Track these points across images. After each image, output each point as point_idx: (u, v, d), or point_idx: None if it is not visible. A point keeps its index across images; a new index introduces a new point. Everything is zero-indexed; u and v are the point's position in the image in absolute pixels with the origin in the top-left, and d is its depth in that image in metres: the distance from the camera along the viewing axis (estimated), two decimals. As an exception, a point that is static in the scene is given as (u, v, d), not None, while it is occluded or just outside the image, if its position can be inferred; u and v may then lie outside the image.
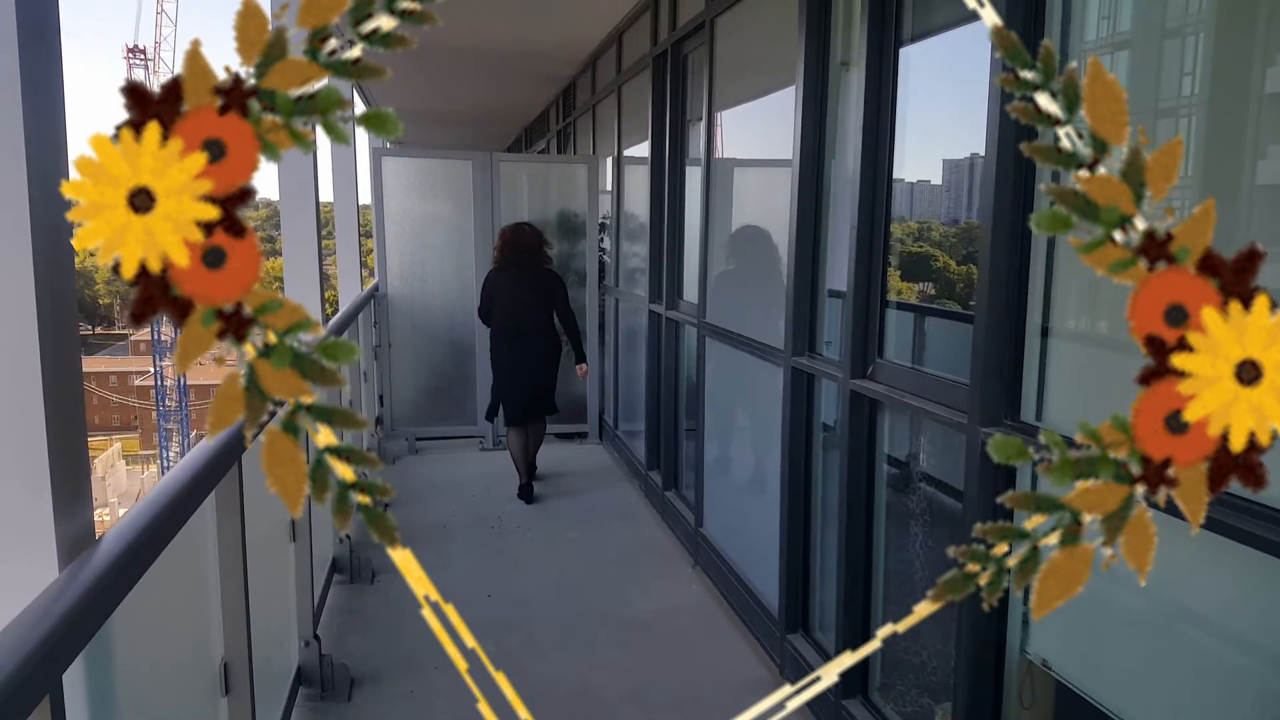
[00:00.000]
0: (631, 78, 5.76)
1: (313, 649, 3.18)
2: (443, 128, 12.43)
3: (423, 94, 9.51)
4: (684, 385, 5.06)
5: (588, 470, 6.24)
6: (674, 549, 4.70)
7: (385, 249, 6.64)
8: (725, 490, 4.26)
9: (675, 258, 4.97)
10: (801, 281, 3.15)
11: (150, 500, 1.51)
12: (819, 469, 3.26)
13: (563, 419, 6.88)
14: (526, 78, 8.22)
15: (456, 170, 6.71)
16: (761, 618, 3.55)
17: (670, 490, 5.07)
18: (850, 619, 2.96)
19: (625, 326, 6.45)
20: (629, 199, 6.28)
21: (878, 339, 2.72)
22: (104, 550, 1.26)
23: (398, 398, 6.79)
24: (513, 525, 5.06)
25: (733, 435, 4.24)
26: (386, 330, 6.68)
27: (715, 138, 4.17)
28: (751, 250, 3.97)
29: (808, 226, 3.13)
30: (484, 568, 4.46)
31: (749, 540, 3.92)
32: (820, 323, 3.16)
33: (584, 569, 4.44)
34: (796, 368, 3.18)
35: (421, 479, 5.96)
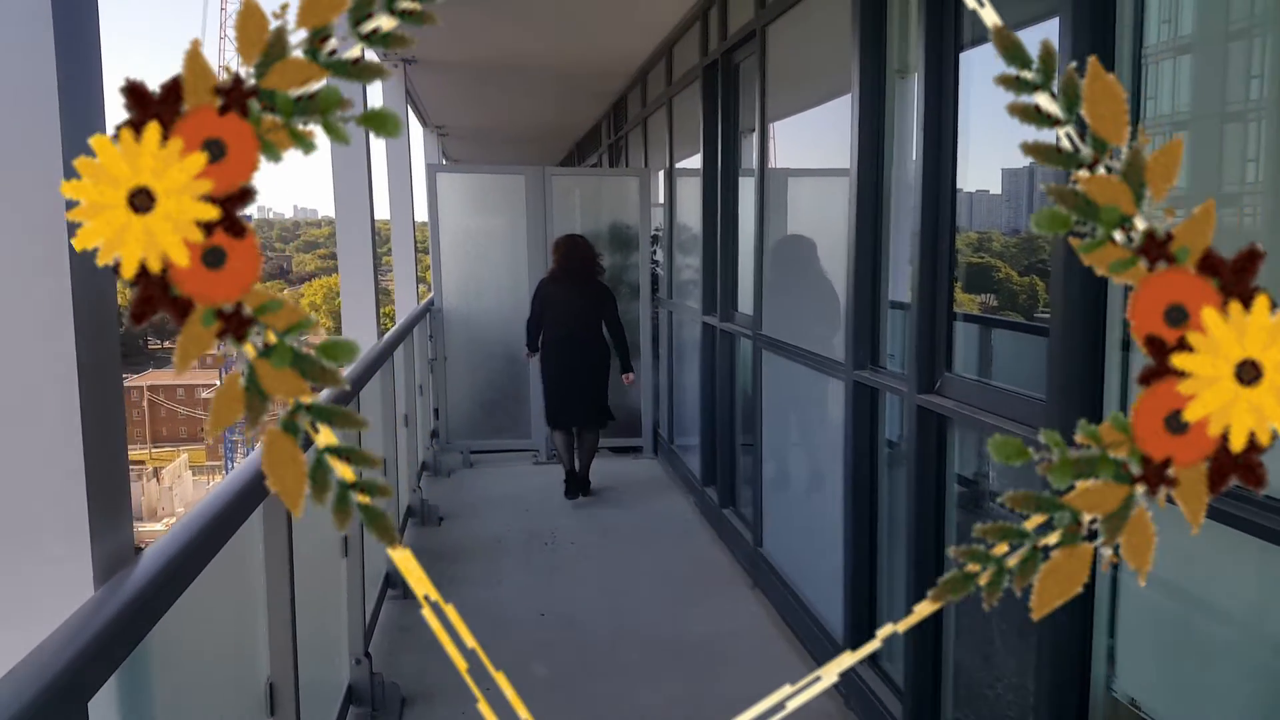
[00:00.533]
0: (682, 89, 5.70)
1: (364, 667, 3.15)
2: (496, 146, 12.56)
3: (476, 113, 9.61)
4: (739, 399, 4.96)
5: (642, 485, 6.17)
6: (731, 568, 4.59)
7: (440, 263, 6.68)
8: (785, 508, 4.15)
9: (729, 269, 4.88)
10: (862, 292, 3.04)
11: (194, 515, 1.48)
12: (884, 487, 3.14)
13: (617, 433, 6.83)
14: (577, 93, 8.23)
15: (509, 185, 6.72)
16: (824, 643, 3.43)
17: (727, 507, 4.97)
18: (920, 647, 2.83)
19: (679, 339, 6.37)
20: (681, 211, 6.22)
21: (945, 352, 2.61)
22: (143, 568, 1.23)
23: (453, 411, 6.81)
24: (566, 541, 5.00)
25: (791, 451, 4.13)
26: (442, 344, 6.71)
27: (768, 147, 4.09)
28: (808, 261, 3.87)
29: (867, 236, 3.03)
30: (537, 584, 4.41)
31: (811, 561, 3.80)
32: (883, 335, 3.05)
33: (639, 588, 4.35)
34: (859, 381, 3.07)
35: (476, 492, 5.95)
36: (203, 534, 1.44)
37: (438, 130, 10.40)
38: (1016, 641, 2.50)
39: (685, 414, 6.23)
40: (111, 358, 1.19)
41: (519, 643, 3.74)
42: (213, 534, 1.47)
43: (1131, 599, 2.04)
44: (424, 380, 6.19)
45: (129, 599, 1.13)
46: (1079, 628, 2.09)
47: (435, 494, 5.71)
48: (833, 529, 3.36)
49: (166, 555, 1.27)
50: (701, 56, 5.10)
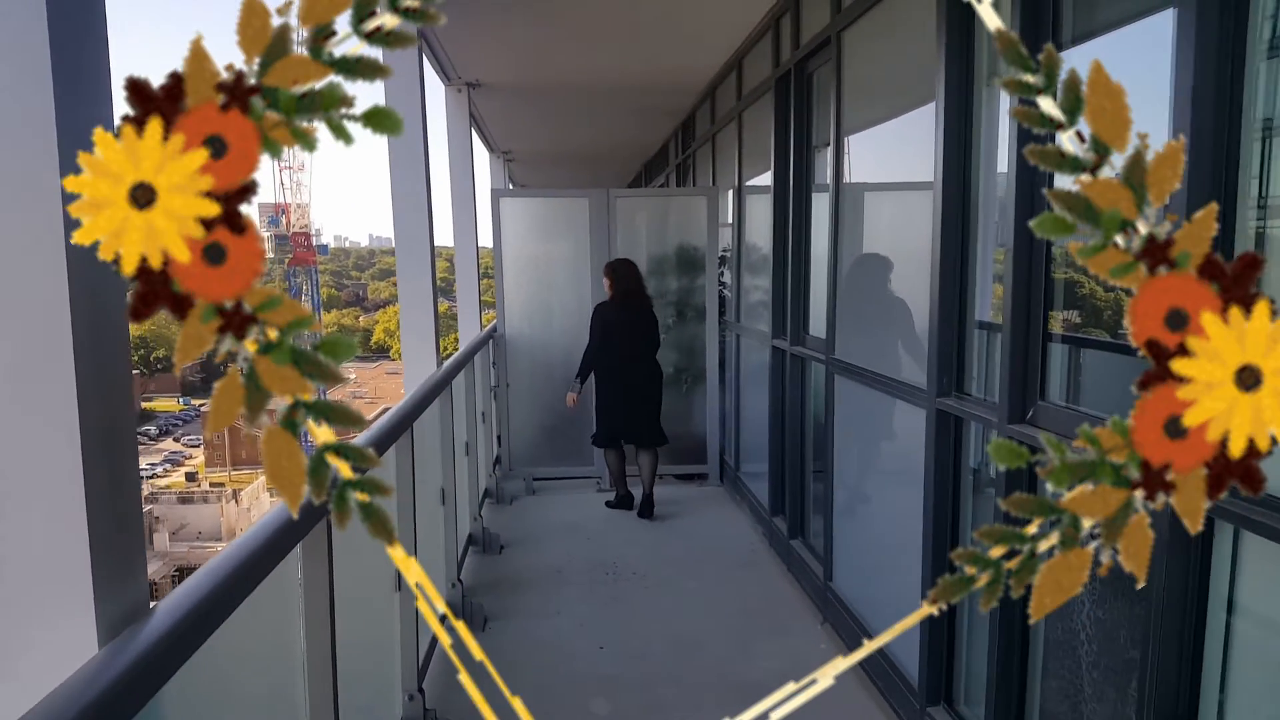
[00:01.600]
0: (752, 103, 5.55)
1: (416, 703, 3.03)
2: (563, 169, 12.58)
3: (542, 136, 9.61)
4: (810, 426, 4.74)
5: (708, 514, 5.97)
6: (800, 603, 4.36)
7: (504, 289, 6.62)
8: (858, 541, 3.92)
9: (800, 291, 4.69)
10: (946, 315, 2.83)
11: (220, 561, 1.36)
12: (968, 522, 2.91)
13: (682, 459, 6.66)
14: (645, 112, 8.15)
15: (573, 208, 6.64)
16: (899, 686, 3.19)
17: (796, 538, 4.74)
18: (1004, 693, 2.59)
19: (747, 363, 6.18)
20: (750, 230, 6.04)
21: (1039, 379, 2.38)
22: (156, 622, 1.11)
23: (515, 438, 6.72)
24: (628, 571, 4.83)
25: (866, 481, 3.90)
26: (504, 370, 6.64)
27: (843, 161, 3.90)
28: (885, 281, 3.67)
29: (952, 254, 2.82)
30: (597, 617, 4.24)
31: (886, 598, 3.57)
32: (969, 360, 2.83)
33: (704, 622, 4.16)
34: (942, 410, 2.85)
35: (538, 520, 5.82)
36: (230, 579, 1.32)
37: (504, 155, 10.44)
38: (1109, 690, 2.26)
39: (752, 441, 6.02)
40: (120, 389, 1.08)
41: (577, 677, 3.58)
42: (241, 580, 1.35)
43: (1247, 649, 1.82)
44: (486, 407, 6.11)
45: (136, 657, 1.01)
46: (1187, 680, 1.88)
47: (497, 522, 5.61)
48: (910, 565, 3.13)
49: (184, 606, 1.15)
50: (774, 67, 4.95)
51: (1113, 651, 2.33)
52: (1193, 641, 1.91)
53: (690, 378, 6.62)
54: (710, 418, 6.62)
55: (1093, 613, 2.38)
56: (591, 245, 6.50)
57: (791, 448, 4.84)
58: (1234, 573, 1.88)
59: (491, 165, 10.55)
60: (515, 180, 12.13)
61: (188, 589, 1.21)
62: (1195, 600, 1.89)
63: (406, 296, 4.78)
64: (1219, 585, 1.88)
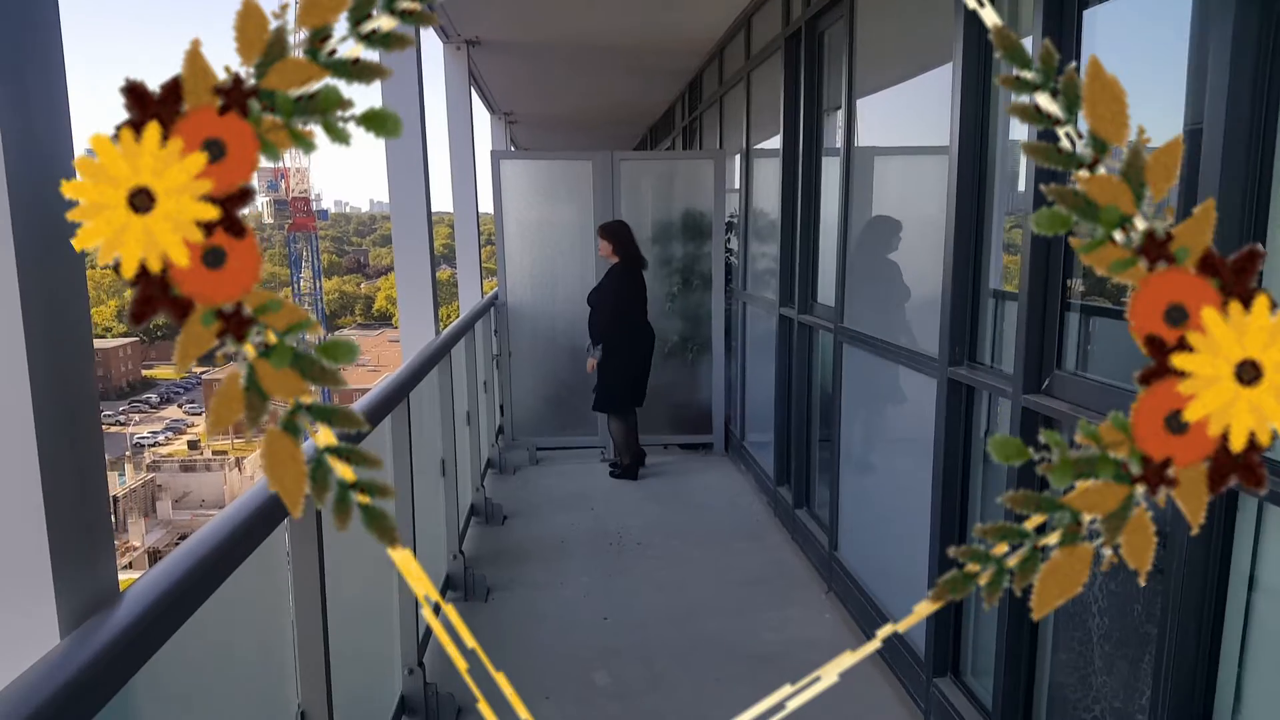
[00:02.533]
0: (761, 63, 5.40)
1: (416, 677, 2.99)
2: (566, 132, 12.38)
3: (545, 98, 9.43)
4: (817, 395, 4.67)
5: (712, 484, 5.92)
6: (805, 572, 4.32)
7: (505, 255, 6.51)
8: (864, 511, 3.86)
9: (809, 258, 4.59)
10: (960, 282, 2.74)
11: (196, 541, 1.29)
12: (978, 493, 2.84)
13: (687, 429, 6.60)
14: (651, 73, 7.97)
15: (577, 171, 6.50)
16: (905, 657, 3.14)
17: (801, 508, 4.69)
18: (1013, 665, 2.54)
19: (753, 331, 6.09)
20: (758, 196, 5.92)
21: (1056, 348, 2.30)
22: (124, 611, 1.04)
23: (518, 407, 6.65)
24: (632, 542, 4.79)
25: (874, 451, 3.83)
26: (506, 338, 6.55)
27: (855, 123, 3.78)
28: (896, 249, 3.57)
29: (968, 220, 2.72)
30: (602, 588, 4.20)
31: (892, 568, 3.51)
32: (982, 329, 2.75)
33: (708, 592, 4.12)
34: (954, 379, 2.77)
35: (541, 491, 5.78)
36: (208, 562, 1.25)
37: (506, 117, 10.26)
38: (1122, 664, 2.20)
39: (757, 410, 5.95)
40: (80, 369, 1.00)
41: (581, 648, 3.54)
42: (219, 562, 1.28)
43: (1269, 625, 1.76)
44: (488, 376, 6.04)
45: (101, 648, 0.94)
46: (1205, 657, 1.83)
47: (500, 492, 5.56)
48: (918, 536, 3.07)
49: (156, 592, 1.09)
50: (784, 25, 4.80)
51: (1125, 625, 2.27)
52: (1213, 618, 1.85)
53: (696, 346, 6.53)
54: (716, 387, 6.55)
55: (1105, 584, 2.32)
56: (596, 209, 6.38)
57: (798, 417, 4.77)
58: (1256, 547, 1.82)
59: (493, 127, 10.37)
60: (517, 143, 11.95)
61: (160, 573, 1.15)
62: (1216, 575, 1.83)
63: (403, 263, 4.68)
64: (1240, 560, 1.82)
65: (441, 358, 4.02)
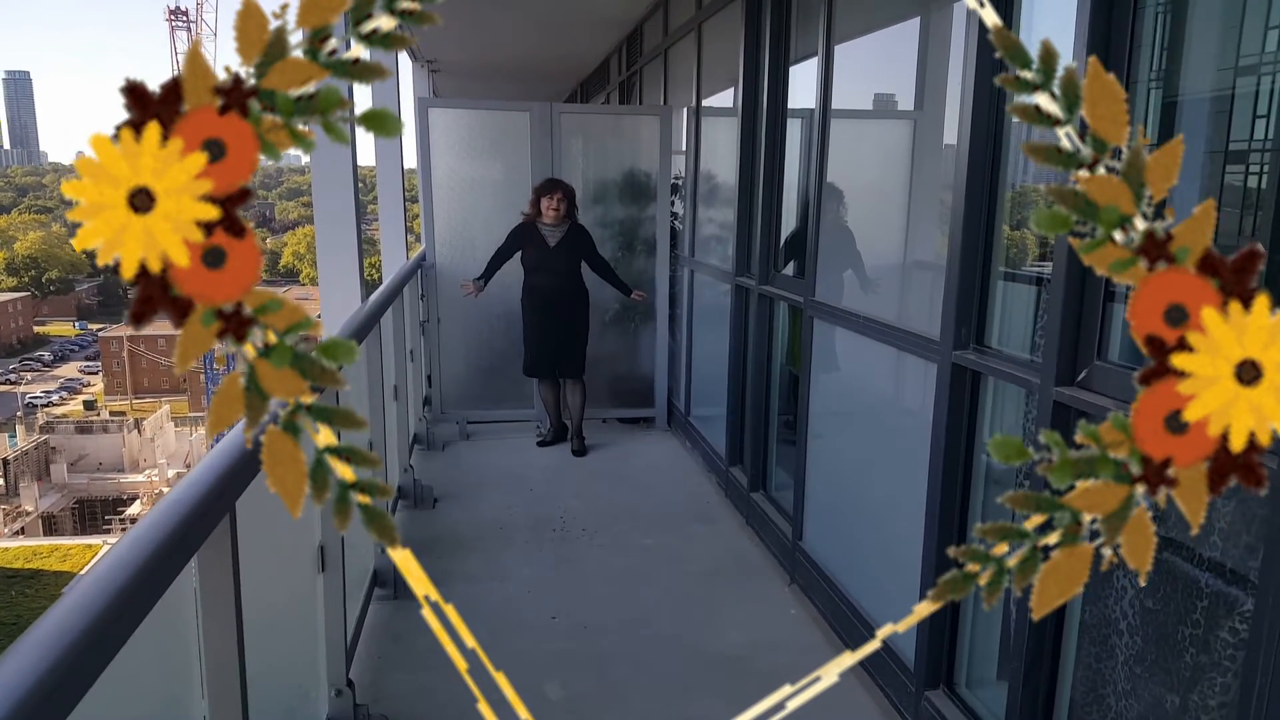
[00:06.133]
0: (716, 12, 5.02)
1: (345, 699, 2.61)
2: (492, 83, 11.77)
3: (469, 44, 8.84)
4: (776, 371, 4.38)
5: (657, 461, 5.60)
6: (764, 562, 4.05)
7: (433, 214, 6.00)
8: (836, 499, 3.59)
9: (770, 225, 4.26)
10: (968, 256, 2.45)
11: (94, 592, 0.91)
12: (980, 490, 2.58)
13: (627, 402, 6.27)
14: (585, 22, 7.49)
15: (512, 123, 6.02)
16: (890, 666, 2.89)
17: (757, 491, 4.41)
18: (1033, 676, 2.29)
19: (700, 300, 5.76)
20: (709, 157, 5.56)
21: (1097, 336, 2.02)
22: None
23: (447, 377, 6.20)
24: (576, 527, 4.44)
25: (850, 438, 3.55)
26: (435, 304, 6.07)
27: (832, 77, 3.45)
28: (884, 215, 3.27)
29: (980, 188, 2.42)
30: (547, 581, 3.86)
31: (872, 565, 3.26)
32: (992, 308, 2.47)
33: (662, 586, 3.81)
34: (959, 364, 2.48)
35: (475, 470, 5.37)
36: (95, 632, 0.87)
37: (429, 65, 9.63)
38: (1155, 687, 1.97)
39: (705, 384, 5.65)
40: None
41: (528, 654, 3.19)
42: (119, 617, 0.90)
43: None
44: (415, 345, 5.58)
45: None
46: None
47: (429, 472, 5.14)
48: (907, 535, 2.80)
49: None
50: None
51: (1152, 642, 2.04)
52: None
53: (638, 315, 6.17)
54: (659, 359, 6.21)
55: (1136, 598, 2.08)
56: (532, 166, 5.92)
57: (755, 394, 4.47)
58: None
59: (415, 77, 9.73)
60: (440, 94, 11.29)
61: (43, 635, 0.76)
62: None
63: (325, 219, 4.19)
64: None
65: (372, 326, 3.58)
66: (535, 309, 5.53)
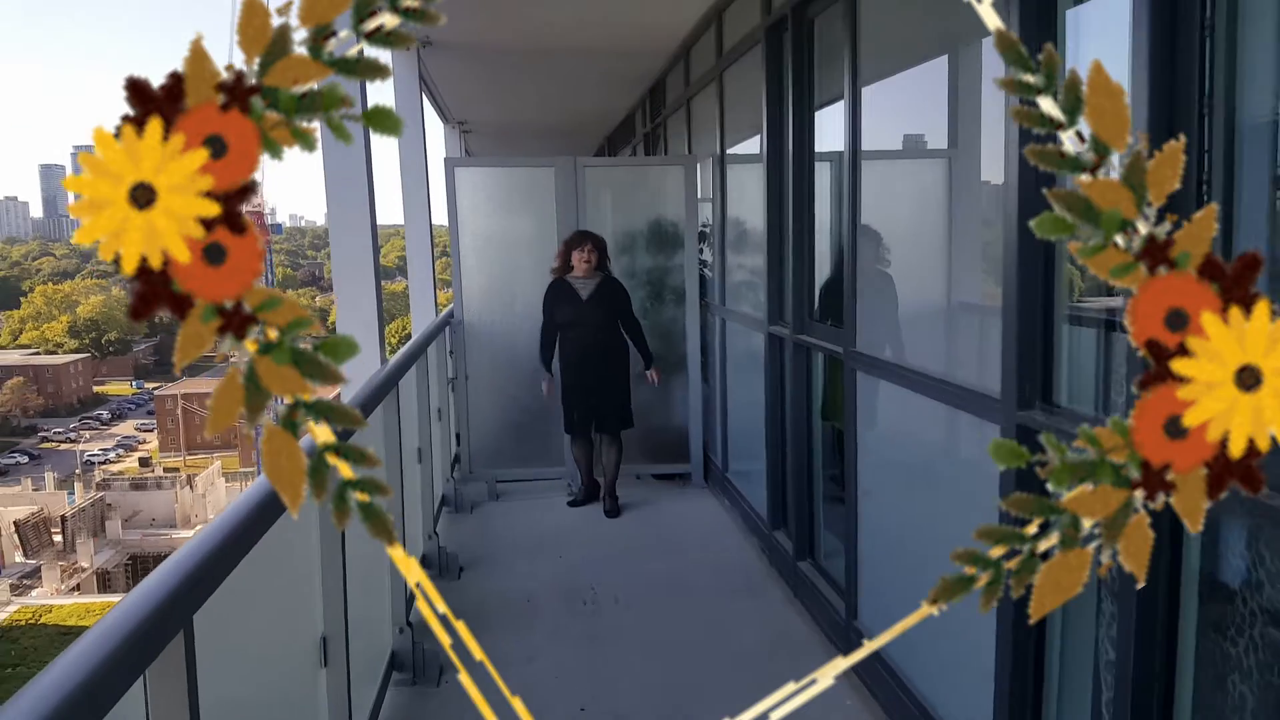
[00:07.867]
0: (737, 59, 4.86)
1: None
2: (522, 142, 11.85)
3: (498, 104, 8.87)
4: (817, 425, 4.11)
5: (694, 522, 5.32)
6: (814, 641, 3.74)
7: (461, 270, 5.88)
8: (892, 572, 3.29)
9: (803, 271, 4.03)
10: (1027, 299, 2.20)
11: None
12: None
13: (661, 457, 6.02)
14: (610, 78, 7.45)
15: (538, 179, 5.91)
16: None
17: (804, 559, 4.11)
18: None
19: (732, 350, 5.53)
20: (735, 203, 5.37)
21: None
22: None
23: (476, 436, 6.02)
24: (608, 598, 4.18)
25: (906, 504, 3.26)
26: (463, 360, 5.92)
27: (860, 119, 3.24)
28: (924, 258, 3.03)
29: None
30: (576, 662, 3.59)
31: (938, 648, 2.94)
32: (1058, 358, 2.20)
33: (701, 670, 3.51)
34: (1025, 426, 2.21)
35: (504, 534, 5.14)
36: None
37: (459, 126, 9.65)
38: None
39: (742, 438, 5.38)
40: None
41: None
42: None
43: None
44: (443, 403, 5.40)
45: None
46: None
47: (456, 536, 4.92)
48: (977, 614, 2.50)
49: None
50: (763, 16, 4.26)
51: None
52: None
53: (669, 367, 5.95)
54: (693, 412, 5.97)
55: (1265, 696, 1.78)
56: (558, 220, 5.79)
57: (797, 450, 4.20)
58: None
59: (446, 137, 9.75)
60: (471, 153, 11.33)
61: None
62: None
63: (343, 282, 4.06)
64: None
65: (389, 390, 3.40)
66: (571, 366, 5.35)
